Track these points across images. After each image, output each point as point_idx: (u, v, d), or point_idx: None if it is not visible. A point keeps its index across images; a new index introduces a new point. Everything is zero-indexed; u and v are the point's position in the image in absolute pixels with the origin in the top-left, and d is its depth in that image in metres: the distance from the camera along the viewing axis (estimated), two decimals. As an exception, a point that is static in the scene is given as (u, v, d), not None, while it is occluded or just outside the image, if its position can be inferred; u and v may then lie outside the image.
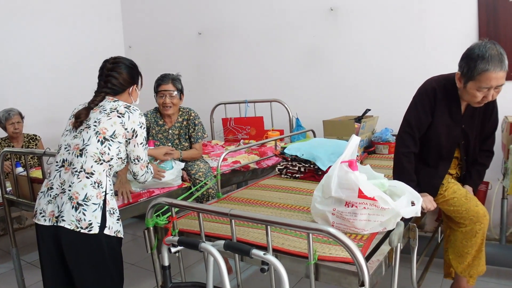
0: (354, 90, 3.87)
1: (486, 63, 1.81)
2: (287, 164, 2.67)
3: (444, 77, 2.12)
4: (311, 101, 4.09)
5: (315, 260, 1.40)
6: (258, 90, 4.36)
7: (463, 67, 1.92)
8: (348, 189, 1.59)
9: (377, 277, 1.42)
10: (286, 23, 4.16)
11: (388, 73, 3.69)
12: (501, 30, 3.26)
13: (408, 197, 1.64)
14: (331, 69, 3.97)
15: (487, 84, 1.85)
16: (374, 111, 3.56)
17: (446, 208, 2.17)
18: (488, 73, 1.82)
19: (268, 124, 4.11)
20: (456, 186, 2.17)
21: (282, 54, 4.23)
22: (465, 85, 1.94)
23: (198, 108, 4.40)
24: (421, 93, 2.11)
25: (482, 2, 3.30)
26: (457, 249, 2.18)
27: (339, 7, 3.87)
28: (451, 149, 2.17)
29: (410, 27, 3.56)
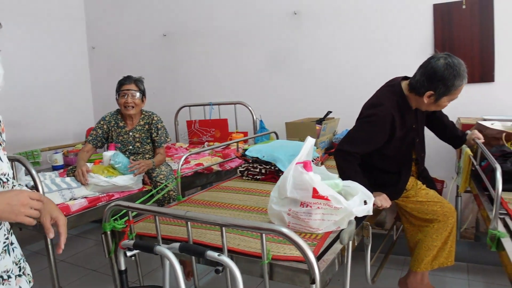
0: (316, 92, 3.94)
1: (462, 79, 1.96)
2: (249, 166, 2.69)
3: (393, 92, 2.15)
4: (275, 103, 4.13)
5: (269, 260, 1.43)
6: (222, 93, 4.37)
7: (439, 87, 1.98)
8: (302, 189, 1.62)
9: (329, 275, 1.46)
10: (250, 26, 4.20)
11: (349, 76, 3.78)
12: (455, 34, 3.40)
13: (361, 196, 1.69)
14: (295, 72, 4.03)
15: (458, 95, 2.03)
16: (336, 113, 3.63)
17: (418, 207, 2.28)
18: (462, 87, 2.00)
19: (232, 126, 4.13)
20: (425, 190, 2.31)
21: (246, 56, 4.26)
22: (436, 101, 2.04)
23: (163, 110, 4.39)
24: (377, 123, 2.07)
25: (438, 8, 3.43)
26: (426, 244, 2.29)
27: (302, 11, 3.94)
28: (409, 151, 2.26)
29: (370, 31, 3.66)
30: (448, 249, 2.32)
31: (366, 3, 3.65)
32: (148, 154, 2.97)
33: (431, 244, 2.28)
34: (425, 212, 2.27)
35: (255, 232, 1.61)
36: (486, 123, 2.65)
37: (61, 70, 4.88)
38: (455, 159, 3.10)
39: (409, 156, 2.27)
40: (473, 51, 3.36)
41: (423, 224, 2.30)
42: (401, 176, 2.23)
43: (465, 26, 3.37)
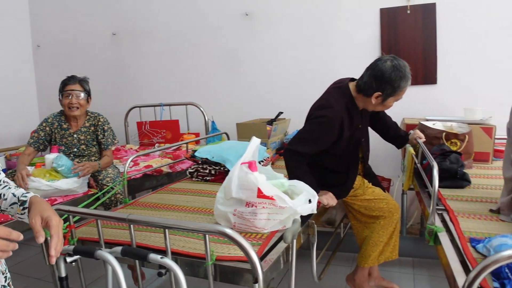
0: (268, 93, 3.97)
1: (407, 80, 2.05)
2: (198, 167, 2.66)
3: (341, 94, 2.19)
4: (227, 104, 4.12)
5: (213, 261, 1.42)
6: (173, 93, 4.32)
7: (386, 89, 2.04)
8: (248, 189, 1.62)
9: (273, 274, 1.47)
10: (201, 26, 4.17)
11: (300, 77, 3.83)
12: (400, 38, 3.53)
13: (306, 195, 1.71)
14: (247, 72, 4.04)
15: (403, 95, 2.13)
16: (287, 114, 3.67)
17: (366, 205, 2.34)
18: (406, 87, 2.08)
19: (184, 128, 4.08)
20: (371, 189, 2.38)
21: (198, 57, 4.23)
22: (384, 102, 2.11)
23: (112, 112, 4.27)
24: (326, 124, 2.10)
25: (384, 12, 3.54)
26: (372, 240, 2.36)
27: (253, 13, 3.95)
28: (355, 150, 2.32)
29: (319, 33, 3.73)
30: (393, 244, 2.41)
31: (316, 6, 3.72)
32: (94, 157, 2.88)
33: (378, 240, 2.35)
34: (372, 209, 2.34)
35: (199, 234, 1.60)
36: (428, 123, 2.76)
37: (3, 70, 4.65)
38: (401, 158, 3.21)
39: (356, 155, 2.33)
40: (417, 54, 3.50)
41: (369, 221, 2.36)
42: (349, 175, 2.28)
43: (409, 30, 3.50)
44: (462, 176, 2.24)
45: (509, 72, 3.19)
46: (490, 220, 1.76)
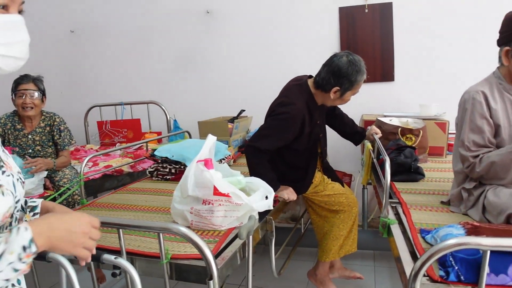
0: (230, 91, 3.97)
1: (363, 74, 2.13)
2: (158, 166, 2.64)
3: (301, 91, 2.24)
4: (190, 103, 4.09)
5: (168, 260, 1.41)
6: (135, 92, 4.25)
7: (344, 83, 2.12)
8: (204, 187, 1.62)
9: (229, 270, 1.47)
10: (163, 24, 4.11)
11: (261, 75, 3.85)
12: (359, 36, 3.60)
13: (262, 191, 1.72)
14: (209, 70, 4.02)
15: (359, 89, 2.21)
16: (249, 112, 3.68)
17: (326, 200, 2.38)
18: (362, 81, 2.17)
19: (146, 127, 4.02)
20: (331, 184, 2.43)
21: (159, 55, 4.17)
22: (342, 96, 2.17)
23: (71, 111, 4.17)
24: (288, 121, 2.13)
25: (343, 11, 3.60)
26: (333, 234, 2.41)
27: (214, 10, 3.94)
28: (314, 146, 2.35)
29: (280, 31, 3.76)
30: (352, 237, 2.46)
31: (277, 4, 3.74)
32: (50, 158, 2.80)
33: (338, 234, 2.40)
34: (332, 204, 2.37)
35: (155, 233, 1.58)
36: (385, 119, 2.83)
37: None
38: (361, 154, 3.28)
39: (315, 151, 2.36)
40: (375, 52, 3.58)
41: (329, 215, 2.40)
42: (308, 170, 2.31)
43: (367, 29, 3.58)
44: (416, 170, 2.31)
45: (461, 69, 3.31)
46: (440, 211, 1.83)
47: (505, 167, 1.59)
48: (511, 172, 1.59)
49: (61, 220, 0.83)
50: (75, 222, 0.85)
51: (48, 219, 0.83)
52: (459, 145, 1.78)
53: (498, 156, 1.61)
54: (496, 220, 1.57)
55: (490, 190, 1.66)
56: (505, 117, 1.74)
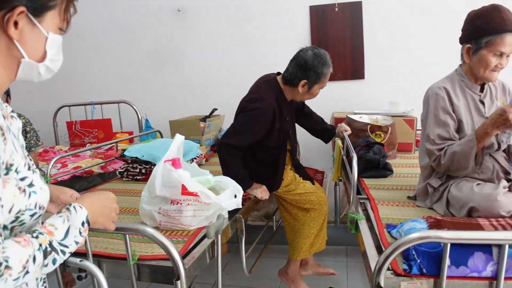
0: (203, 90, 3.94)
1: (329, 67, 2.18)
2: (128, 167, 2.60)
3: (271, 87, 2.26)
4: (161, 102, 4.05)
5: (135, 261, 1.39)
6: (105, 91, 4.17)
7: (311, 76, 2.17)
8: (172, 187, 1.61)
9: (197, 270, 1.46)
10: (133, 22, 4.05)
11: (234, 73, 3.84)
12: (330, 34, 3.63)
13: (231, 190, 1.72)
14: (181, 69, 3.98)
15: (327, 82, 2.26)
16: (221, 110, 3.67)
17: (298, 199, 2.40)
18: (329, 74, 2.23)
19: (117, 126, 3.96)
20: (303, 183, 2.45)
21: (130, 54, 4.11)
22: (309, 89, 2.22)
23: (39, 111, 4.07)
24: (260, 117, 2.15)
25: (313, 9, 3.63)
26: (304, 232, 2.43)
27: (186, 8, 3.90)
28: (284, 142, 2.37)
29: (252, 30, 3.76)
30: (322, 235, 2.49)
31: (248, 3, 3.73)
32: (16, 159, 2.72)
33: (309, 232, 2.42)
34: (303, 202, 2.40)
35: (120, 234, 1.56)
36: (355, 117, 2.87)
37: None
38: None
39: (284, 148, 2.38)
40: (345, 50, 3.62)
41: (300, 214, 2.42)
42: (278, 166, 2.33)
43: (338, 27, 3.61)
44: (384, 166, 2.35)
45: (429, 67, 3.38)
46: (407, 206, 1.87)
47: (465, 156, 1.62)
48: (471, 160, 1.62)
49: (98, 198, 1.00)
50: (107, 199, 1.03)
51: (88, 198, 0.97)
52: (425, 140, 1.81)
53: (459, 146, 1.65)
54: (459, 213, 1.61)
55: (453, 184, 1.71)
56: (467, 113, 1.79)
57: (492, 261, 1.18)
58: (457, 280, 1.20)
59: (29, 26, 0.83)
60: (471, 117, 1.80)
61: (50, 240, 0.81)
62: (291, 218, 2.45)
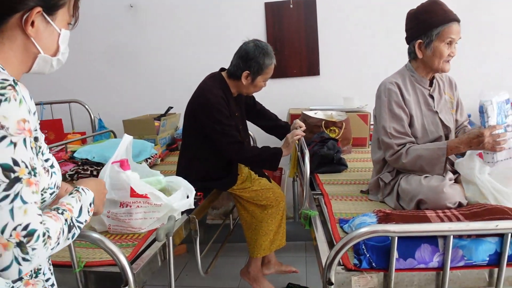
0: (158, 88, 3.86)
1: (271, 58, 2.21)
2: (78, 169, 2.50)
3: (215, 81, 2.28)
4: (115, 101, 3.93)
5: (81, 268, 1.33)
6: (55, 91, 3.99)
7: (253, 66, 2.18)
8: (120, 189, 1.55)
9: (148, 274, 1.42)
10: (84, 18, 3.86)
11: (190, 71, 3.77)
12: (285, 31, 3.63)
13: (183, 190, 1.68)
14: (135, 67, 3.88)
15: (271, 73, 2.27)
16: (177, 109, 3.60)
17: (254, 196, 2.38)
18: (272, 66, 2.24)
19: (68, 127, 3.81)
20: (258, 180, 2.45)
21: (80, 51, 3.94)
22: (253, 81, 2.23)
23: (-17, 113, 3.85)
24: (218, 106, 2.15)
25: (269, 6, 3.62)
26: (262, 230, 2.41)
27: (138, 4, 3.80)
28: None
29: (207, 27, 3.71)
30: (282, 232, 2.49)
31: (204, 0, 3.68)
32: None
33: (267, 229, 2.41)
34: (259, 199, 2.38)
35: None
36: (310, 113, 2.89)
37: None
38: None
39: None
40: (300, 46, 3.64)
41: (257, 211, 2.40)
42: (232, 163, 2.31)
43: (293, 24, 3.62)
44: (338, 161, 2.38)
45: (382, 63, 3.45)
46: (360, 200, 1.89)
47: (431, 162, 1.66)
48: (436, 168, 1.65)
49: (95, 183, 1.09)
50: (101, 185, 1.12)
51: (88, 183, 1.07)
52: (381, 134, 1.82)
53: (427, 151, 1.68)
54: (408, 206, 1.65)
55: (403, 178, 1.75)
56: (417, 108, 1.84)
57: (438, 252, 1.21)
58: (405, 272, 1.22)
59: (43, 24, 0.91)
60: (421, 112, 1.84)
61: (71, 217, 0.91)
62: (249, 215, 2.44)
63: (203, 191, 2.12)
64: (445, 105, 1.90)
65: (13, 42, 0.88)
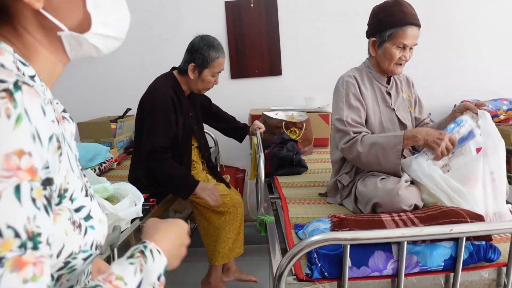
0: (115, 89, 3.72)
1: (218, 52, 2.15)
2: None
3: (165, 78, 2.25)
4: (71, 103, 3.73)
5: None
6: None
7: (197, 58, 2.13)
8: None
9: None
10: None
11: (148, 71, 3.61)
12: (246, 31, 3.56)
13: (131, 198, 1.59)
14: (91, 68, 3.73)
15: (219, 68, 2.19)
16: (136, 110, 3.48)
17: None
18: (219, 60, 2.16)
19: (20, 131, 3.62)
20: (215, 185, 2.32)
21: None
22: (200, 74, 2.16)
23: None
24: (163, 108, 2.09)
25: (229, 5, 3.54)
26: (220, 237, 2.32)
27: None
28: (189, 139, 2.27)
29: (166, 26, 3.60)
30: (240, 239, 2.41)
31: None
32: None
33: (226, 236, 2.33)
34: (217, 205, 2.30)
35: None
36: (270, 114, 2.84)
37: None
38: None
39: (189, 144, 2.29)
40: (262, 46, 3.58)
41: (215, 217, 2.32)
42: (182, 163, 2.22)
43: (254, 23, 3.56)
44: (298, 163, 2.33)
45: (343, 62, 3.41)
46: (318, 204, 1.84)
47: (386, 151, 1.57)
48: (391, 158, 1.57)
49: (175, 234, 0.73)
50: (184, 235, 0.77)
51: (165, 236, 0.71)
52: (337, 123, 1.74)
53: (382, 138, 1.61)
54: (365, 209, 1.61)
55: (360, 180, 1.71)
56: (374, 103, 1.81)
57: (392, 258, 1.17)
58: (359, 281, 1.18)
59: None
60: (378, 108, 1.81)
61: None
62: (206, 222, 2.35)
63: (157, 197, 2.03)
64: (402, 103, 1.88)
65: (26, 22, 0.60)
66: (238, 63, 3.55)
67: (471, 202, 1.42)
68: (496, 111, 2.95)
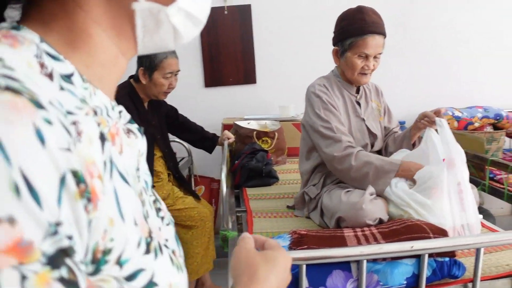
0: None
1: (165, 52, 2.01)
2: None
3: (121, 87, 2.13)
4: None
5: None
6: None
7: (144, 61, 2.04)
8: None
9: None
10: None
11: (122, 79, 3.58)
12: (220, 38, 3.50)
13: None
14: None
15: (170, 69, 2.06)
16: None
17: (177, 215, 2.19)
18: (168, 60, 2.04)
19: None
20: (182, 198, 2.26)
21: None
22: (150, 78, 2.06)
23: None
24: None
25: (203, 12, 3.48)
26: (188, 252, 2.23)
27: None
28: (151, 147, 2.19)
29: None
30: (210, 255, 2.32)
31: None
32: None
33: (194, 252, 2.24)
34: (183, 219, 2.22)
35: None
36: (242, 123, 2.77)
37: None
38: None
39: (151, 154, 2.20)
40: (236, 54, 3.52)
41: (181, 231, 2.23)
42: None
43: (228, 31, 3.50)
44: (268, 174, 2.27)
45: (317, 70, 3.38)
46: (285, 217, 1.78)
47: (378, 174, 1.51)
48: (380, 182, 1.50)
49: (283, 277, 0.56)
50: (287, 273, 0.58)
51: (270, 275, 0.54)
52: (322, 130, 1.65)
53: (378, 160, 1.54)
54: (330, 223, 1.55)
55: (326, 192, 1.65)
56: (345, 113, 1.75)
57: (352, 278, 1.11)
58: (317, 302, 1.11)
59: None
60: (348, 118, 1.76)
61: None
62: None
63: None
64: (372, 112, 1.83)
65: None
66: (212, 71, 3.49)
67: (438, 215, 1.37)
68: (471, 119, 2.94)
